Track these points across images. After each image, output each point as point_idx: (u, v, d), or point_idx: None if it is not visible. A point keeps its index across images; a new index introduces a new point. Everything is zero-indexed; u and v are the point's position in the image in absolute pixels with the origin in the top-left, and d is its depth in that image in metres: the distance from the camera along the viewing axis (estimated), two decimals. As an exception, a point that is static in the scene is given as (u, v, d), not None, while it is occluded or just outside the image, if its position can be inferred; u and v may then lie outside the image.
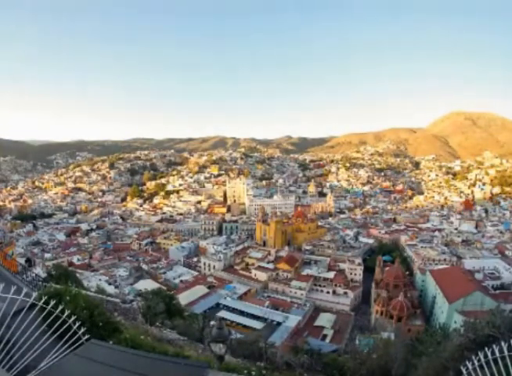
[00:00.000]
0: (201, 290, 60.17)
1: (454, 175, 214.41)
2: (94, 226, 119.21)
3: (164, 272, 71.77)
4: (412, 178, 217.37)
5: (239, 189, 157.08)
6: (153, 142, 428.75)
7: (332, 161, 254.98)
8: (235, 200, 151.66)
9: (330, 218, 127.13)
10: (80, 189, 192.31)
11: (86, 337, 4.00)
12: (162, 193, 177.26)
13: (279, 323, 47.84)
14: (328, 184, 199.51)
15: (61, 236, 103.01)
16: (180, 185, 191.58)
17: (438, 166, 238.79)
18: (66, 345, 3.86)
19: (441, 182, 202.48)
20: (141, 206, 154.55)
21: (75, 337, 3.98)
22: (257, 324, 46.30)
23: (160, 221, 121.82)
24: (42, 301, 4.18)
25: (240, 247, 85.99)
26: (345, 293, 62.04)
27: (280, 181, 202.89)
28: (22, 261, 15.47)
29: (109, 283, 60.42)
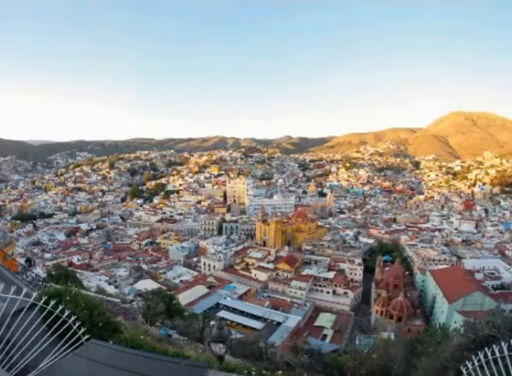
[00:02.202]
0: (201, 290, 60.14)
1: (454, 175, 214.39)
2: (94, 226, 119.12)
3: (164, 272, 71.74)
4: (413, 178, 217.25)
5: (239, 189, 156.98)
6: (153, 142, 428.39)
7: (332, 161, 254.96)
8: (235, 200, 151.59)
9: (330, 218, 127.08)
10: (80, 189, 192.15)
11: (86, 337, 4.00)
12: (162, 193, 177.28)
13: (279, 323, 47.81)
14: (328, 184, 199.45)
15: (61, 236, 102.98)
16: (180, 185, 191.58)
17: (438, 166, 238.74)
18: (66, 345, 3.86)
19: (441, 182, 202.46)
20: (141, 206, 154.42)
21: (75, 337, 3.98)
22: (257, 324, 46.29)
23: (160, 221, 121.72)
24: (42, 302, 4.18)
25: (240, 247, 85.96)
26: (345, 293, 62.02)
27: (280, 181, 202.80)
28: (22, 261, 15.47)
29: (109, 283, 60.48)
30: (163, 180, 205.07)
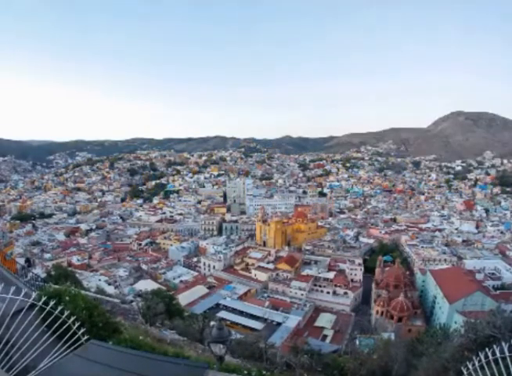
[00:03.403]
0: (201, 290, 60.15)
1: (455, 175, 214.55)
2: (93, 226, 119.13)
3: (164, 273, 71.73)
4: (413, 178, 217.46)
5: (240, 189, 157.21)
6: (153, 142, 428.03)
7: (332, 161, 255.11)
8: (235, 200, 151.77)
9: (330, 218, 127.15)
10: (79, 189, 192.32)
11: (86, 337, 3.99)
12: (162, 194, 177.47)
13: (279, 324, 47.81)
14: (328, 184, 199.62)
15: (60, 237, 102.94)
16: (180, 185, 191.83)
17: (438, 166, 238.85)
18: (66, 346, 3.85)
19: (441, 182, 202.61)
20: (140, 206, 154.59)
21: (75, 337, 3.97)
22: (257, 325, 46.28)
23: (160, 221, 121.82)
24: (42, 302, 4.17)
25: (240, 247, 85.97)
26: (345, 293, 62.01)
27: (280, 181, 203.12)
28: (21, 261, 15.48)
29: (109, 284, 60.46)
30: (163, 180, 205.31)
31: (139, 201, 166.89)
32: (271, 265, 70.94)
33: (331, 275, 66.19)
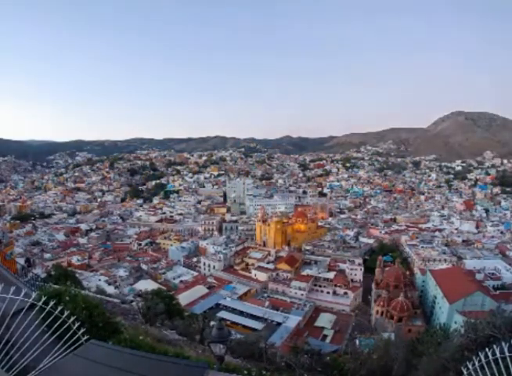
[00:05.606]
0: (201, 290, 60.14)
1: (455, 175, 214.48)
2: (93, 226, 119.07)
3: (164, 273, 71.72)
4: (413, 178, 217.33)
5: (240, 189, 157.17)
6: (153, 142, 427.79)
7: (332, 161, 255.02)
8: (235, 200, 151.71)
9: (330, 218, 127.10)
10: (79, 189, 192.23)
11: (86, 337, 3.99)
12: (162, 194, 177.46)
13: (279, 324, 47.77)
14: (328, 184, 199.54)
15: (60, 237, 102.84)
16: (180, 185, 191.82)
17: (438, 166, 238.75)
18: (66, 346, 3.85)
19: (441, 182, 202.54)
20: (140, 206, 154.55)
21: (75, 337, 3.97)
22: (257, 325, 46.22)
23: (160, 221, 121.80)
24: (42, 302, 4.17)
25: (240, 247, 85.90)
26: (345, 293, 62.01)
27: (280, 181, 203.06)
28: (21, 261, 15.47)
29: (109, 284, 60.46)
30: (163, 180, 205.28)
31: (139, 201, 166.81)
32: (271, 265, 70.92)
33: (331, 275, 66.16)
